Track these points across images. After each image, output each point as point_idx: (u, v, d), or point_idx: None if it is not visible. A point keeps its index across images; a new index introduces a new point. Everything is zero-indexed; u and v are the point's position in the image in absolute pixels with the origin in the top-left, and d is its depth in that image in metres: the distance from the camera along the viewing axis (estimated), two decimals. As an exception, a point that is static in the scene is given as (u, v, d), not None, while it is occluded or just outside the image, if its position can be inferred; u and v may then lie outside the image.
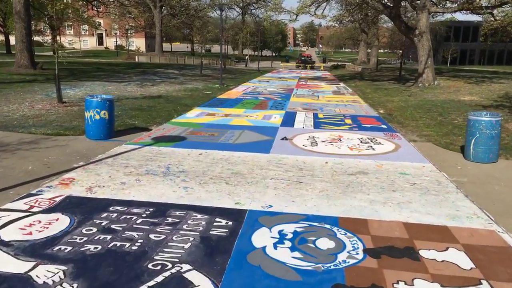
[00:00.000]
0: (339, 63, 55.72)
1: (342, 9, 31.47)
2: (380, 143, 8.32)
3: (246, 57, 57.56)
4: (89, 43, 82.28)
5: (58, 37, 12.64)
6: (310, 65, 54.52)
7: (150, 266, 3.41)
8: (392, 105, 14.08)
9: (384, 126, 10.22)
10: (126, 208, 4.61)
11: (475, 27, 64.51)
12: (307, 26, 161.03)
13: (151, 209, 4.60)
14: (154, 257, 3.55)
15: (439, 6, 19.48)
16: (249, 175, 5.93)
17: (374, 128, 9.93)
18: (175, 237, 3.95)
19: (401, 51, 31.96)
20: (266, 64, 57.50)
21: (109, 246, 3.74)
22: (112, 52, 61.99)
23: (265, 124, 10.10)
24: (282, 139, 8.46)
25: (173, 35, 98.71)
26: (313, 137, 8.74)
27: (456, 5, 19.43)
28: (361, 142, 8.36)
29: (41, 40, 65.46)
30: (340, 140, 8.46)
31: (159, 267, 3.39)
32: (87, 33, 79.42)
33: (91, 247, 3.71)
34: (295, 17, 34.21)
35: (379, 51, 47.18)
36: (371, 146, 7.98)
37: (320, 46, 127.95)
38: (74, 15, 48.44)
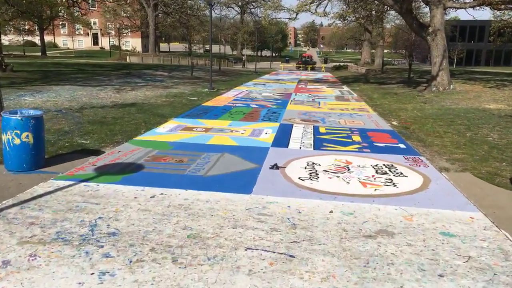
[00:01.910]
0: (341, 64, 53.64)
1: (345, 6, 29.47)
2: (402, 173, 6.24)
3: (244, 57, 55.47)
4: (84, 43, 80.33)
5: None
6: (311, 66, 52.50)
7: None
8: (406, 114, 12.00)
9: (403, 146, 8.14)
10: (-29, 336, 2.55)
11: (482, 27, 62.51)
12: (308, 26, 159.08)
13: None
14: None
15: (455, 1, 17.49)
16: (214, 242, 3.86)
17: (390, 149, 7.86)
18: None
19: (405, 51, 29.87)
20: (265, 65, 55.45)
21: None
22: (107, 52, 60.01)
23: (252, 143, 8.03)
24: (272, 167, 6.40)
25: (171, 34, 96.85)
26: (313, 163, 6.67)
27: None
28: (376, 172, 6.28)
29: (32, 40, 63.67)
30: (349, 169, 6.38)
31: None
32: (82, 33, 77.50)
33: None
34: (295, 15, 32.32)
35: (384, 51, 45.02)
36: (391, 180, 5.90)
37: (322, 46, 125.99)
38: (65, 14, 46.56)
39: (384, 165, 6.69)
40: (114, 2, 40.88)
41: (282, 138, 8.59)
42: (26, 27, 50.19)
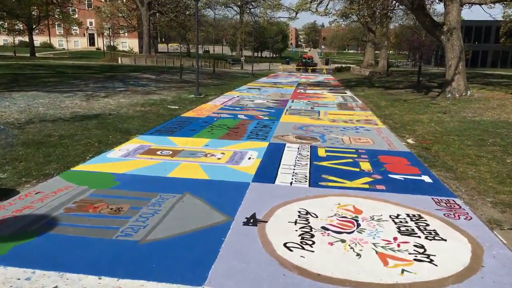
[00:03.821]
0: (343, 66, 51.63)
1: (348, 5, 27.51)
2: (437, 233, 4.25)
3: (242, 59, 53.54)
4: (80, 43, 78.74)
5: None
6: (312, 67, 50.52)
7: None
8: (422, 129, 10.01)
9: (428, 179, 6.13)
10: None
11: (488, 27, 60.60)
12: (309, 26, 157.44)
13: None
14: None
15: (474, -4, 15.56)
16: None
17: (412, 185, 5.85)
18: None
19: (408, 52, 27.92)
20: (265, 67, 53.52)
21: None
22: (102, 53, 58.11)
23: (228, 176, 6.04)
24: (247, 221, 4.42)
25: (170, 35, 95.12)
26: (307, 213, 4.69)
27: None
28: (399, 231, 4.30)
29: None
30: (359, 225, 4.40)
31: None
32: (78, 33, 75.76)
33: None
34: (294, 14, 30.52)
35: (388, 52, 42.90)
36: (424, 248, 3.92)
37: (323, 47, 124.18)
38: (54, 13, 44.74)
39: (408, 216, 4.70)
40: (105, 1, 39.00)
41: (269, 166, 6.61)
42: (16, 27, 48.49)
